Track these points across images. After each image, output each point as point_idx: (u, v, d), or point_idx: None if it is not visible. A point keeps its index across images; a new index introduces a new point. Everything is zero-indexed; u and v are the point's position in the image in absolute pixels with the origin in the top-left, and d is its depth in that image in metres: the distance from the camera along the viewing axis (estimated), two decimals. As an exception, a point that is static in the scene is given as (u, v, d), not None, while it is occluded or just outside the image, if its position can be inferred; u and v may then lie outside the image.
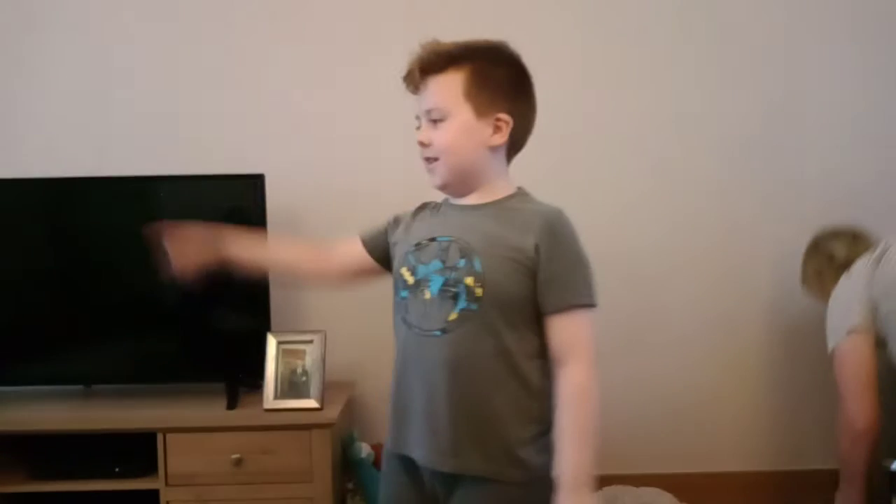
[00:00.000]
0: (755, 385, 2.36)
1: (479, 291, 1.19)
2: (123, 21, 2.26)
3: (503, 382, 1.21)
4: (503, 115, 1.25)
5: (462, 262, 1.21)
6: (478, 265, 1.20)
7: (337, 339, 2.08)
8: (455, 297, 1.20)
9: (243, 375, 2.04)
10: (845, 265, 1.93)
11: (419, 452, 1.23)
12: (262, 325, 2.04)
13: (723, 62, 2.31)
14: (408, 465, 1.26)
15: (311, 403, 1.93)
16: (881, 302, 1.81)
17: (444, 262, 1.23)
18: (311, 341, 1.99)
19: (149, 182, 2.11)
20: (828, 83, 2.32)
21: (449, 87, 1.24)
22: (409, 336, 1.25)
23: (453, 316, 1.20)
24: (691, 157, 2.32)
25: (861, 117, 2.33)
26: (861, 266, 1.88)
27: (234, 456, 1.87)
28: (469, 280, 1.20)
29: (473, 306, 1.19)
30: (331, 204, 2.22)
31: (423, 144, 1.26)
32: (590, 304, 1.26)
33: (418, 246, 1.27)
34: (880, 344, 1.84)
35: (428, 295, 1.22)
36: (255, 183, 2.05)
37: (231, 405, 1.96)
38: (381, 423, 1.47)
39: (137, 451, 1.91)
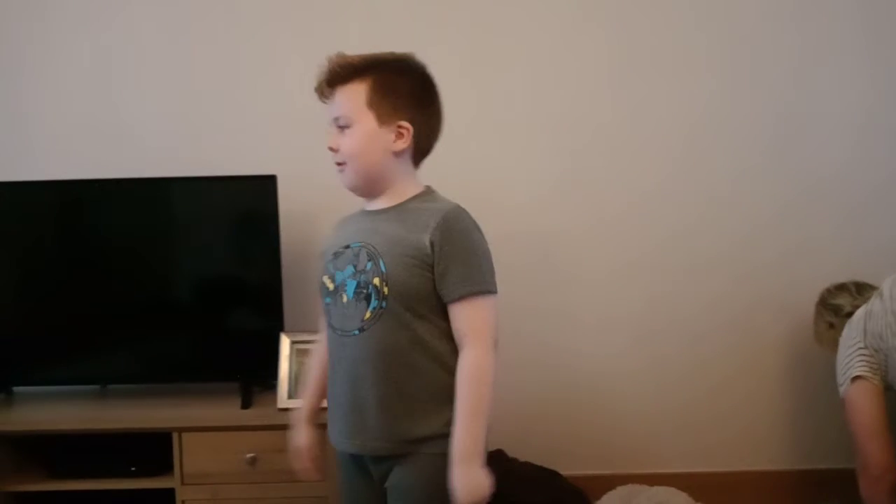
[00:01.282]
0: (771, 383, 2.35)
1: (385, 290, 1.30)
2: (135, 23, 2.28)
3: (421, 368, 1.31)
4: (404, 123, 1.36)
5: (370, 265, 1.32)
6: (382, 266, 1.31)
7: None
8: (368, 298, 1.31)
9: (257, 375, 2.06)
10: (851, 314, 1.97)
11: (353, 443, 1.36)
12: (275, 325, 2.06)
13: (739, 63, 2.31)
14: (354, 455, 1.38)
15: (324, 403, 1.92)
16: (877, 350, 1.84)
17: (355, 266, 1.34)
18: (324, 341, 2.00)
19: (162, 183, 2.13)
20: (846, 83, 2.31)
21: (353, 97, 1.35)
22: (334, 338, 1.37)
23: (367, 315, 1.31)
24: (707, 157, 2.32)
25: (877, 116, 2.31)
26: (859, 314, 1.92)
27: (249, 455, 1.89)
28: (376, 280, 1.31)
29: (383, 304, 1.30)
30: (343, 205, 2.20)
31: (332, 150, 1.37)
32: (484, 291, 1.32)
33: (335, 255, 1.38)
34: (888, 387, 1.86)
35: (345, 298, 1.34)
36: (267, 184, 2.06)
37: (245, 404, 1.98)
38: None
39: (153, 450, 1.93)
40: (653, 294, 2.33)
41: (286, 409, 1.93)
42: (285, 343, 2.00)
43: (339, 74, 1.36)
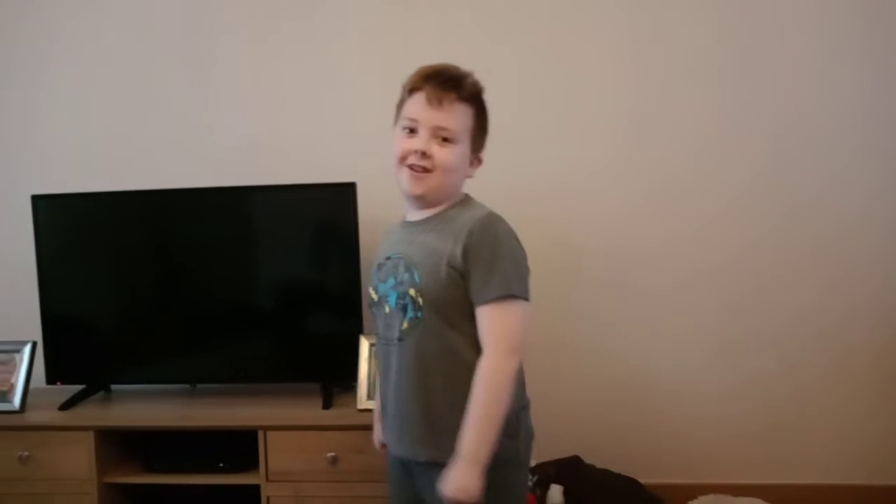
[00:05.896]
0: (861, 394, 2.25)
1: (420, 301, 1.35)
2: (217, 37, 2.38)
3: (457, 377, 1.33)
4: (481, 155, 1.47)
5: (406, 276, 1.38)
6: (417, 277, 1.36)
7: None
8: (404, 308, 1.37)
9: (337, 377, 2.11)
10: None
11: (399, 448, 1.43)
12: (354, 327, 2.10)
13: (828, 68, 2.22)
14: (402, 459, 1.45)
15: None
16: None
17: (395, 277, 1.40)
18: (401, 344, 2.04)
19: (245, 192, 2.20)
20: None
21: (464, 118, 1.41)
22: (380, 346, 1.45)
23: (405, 325, 1.37)
24: (799, 158, 2.25)
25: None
26: None
27: (330, 454, 1.93)
28: (412, 291, 1.36)
29: (419, 314, 1.35)
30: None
31: (423, 154, 1.38)
32: (508, 296, 1.32)
33: (379, 266, 1.46)
34: None
35: (387, 309, 1.40)
36: (346, 191, 2.11)
37: (326, 405, 2.03)
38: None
39: (240, 447, 2.00)
40: (738, 300, 2.27)
41: (365, 410, 1.97)
42: (364, 346, 2.05)
43: (463, 90, 1.40)
